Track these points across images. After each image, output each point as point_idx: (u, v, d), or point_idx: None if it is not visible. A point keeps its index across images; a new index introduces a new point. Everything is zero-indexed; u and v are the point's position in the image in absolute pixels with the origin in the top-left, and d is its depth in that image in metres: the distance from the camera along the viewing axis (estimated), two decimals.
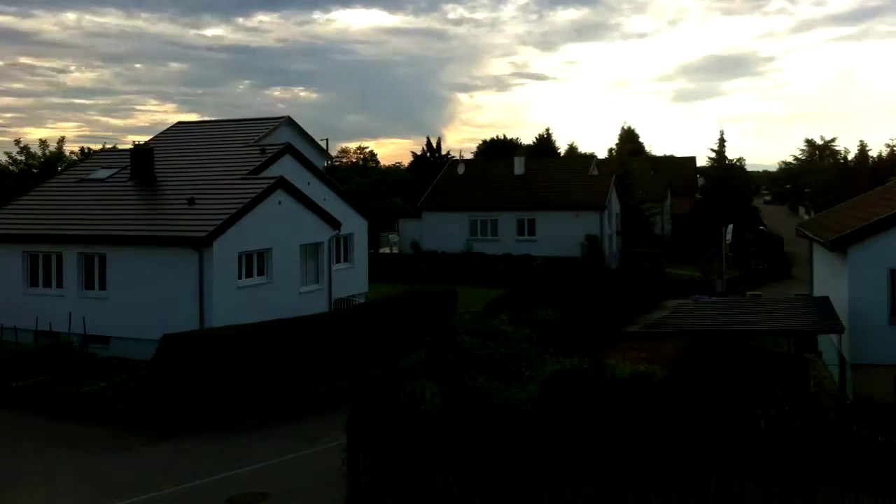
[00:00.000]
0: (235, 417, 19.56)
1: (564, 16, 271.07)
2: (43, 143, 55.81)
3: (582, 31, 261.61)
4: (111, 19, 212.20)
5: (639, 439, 11.59)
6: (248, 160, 29.70)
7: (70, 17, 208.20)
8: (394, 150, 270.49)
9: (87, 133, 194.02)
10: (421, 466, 12.84)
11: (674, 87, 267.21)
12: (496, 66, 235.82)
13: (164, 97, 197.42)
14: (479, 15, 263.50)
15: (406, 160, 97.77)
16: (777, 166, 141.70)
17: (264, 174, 28.38)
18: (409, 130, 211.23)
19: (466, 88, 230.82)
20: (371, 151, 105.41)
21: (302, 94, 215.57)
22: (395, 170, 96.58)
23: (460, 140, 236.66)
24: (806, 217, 72.26)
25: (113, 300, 25.29)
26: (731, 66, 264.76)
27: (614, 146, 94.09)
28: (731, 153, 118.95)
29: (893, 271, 20.65)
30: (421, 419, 12.91)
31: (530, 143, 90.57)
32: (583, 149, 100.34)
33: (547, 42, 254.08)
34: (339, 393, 20.09)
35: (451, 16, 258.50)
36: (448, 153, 78.67)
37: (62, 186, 31.31)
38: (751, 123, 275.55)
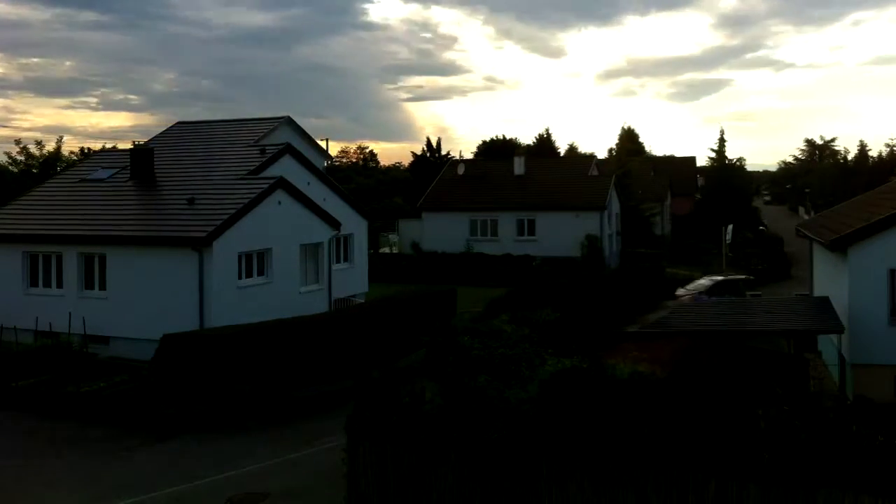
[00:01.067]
0: (235, 417, 19.54)
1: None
2: (39, 143, 55.85)
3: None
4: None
5: (639, 439, 11.58)
6: (248, 160, 29.71)
7: None
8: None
9: None
10: (421, 466, 12.84)
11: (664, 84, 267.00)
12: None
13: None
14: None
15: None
16: (777, 166, 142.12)
17: (264, 174, 28.38)
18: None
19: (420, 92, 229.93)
20: (371, 151, 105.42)
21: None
22: (395, 170, 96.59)
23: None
24: (806, 217, 72.26)
25: (113, 300, 25.29)
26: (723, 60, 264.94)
27: (614, 146, 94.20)
28: (731, 153, 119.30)
29: (893, 271, 20.65)
30: (421, 419, 12.90)
31: (530, 143, 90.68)
32: (583, 149, 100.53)
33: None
34: (339, 393, 20.07)
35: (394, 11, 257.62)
36: (448, 153, 78.78)
37: (62, 186, 31.32)
38: (747, 121, 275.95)
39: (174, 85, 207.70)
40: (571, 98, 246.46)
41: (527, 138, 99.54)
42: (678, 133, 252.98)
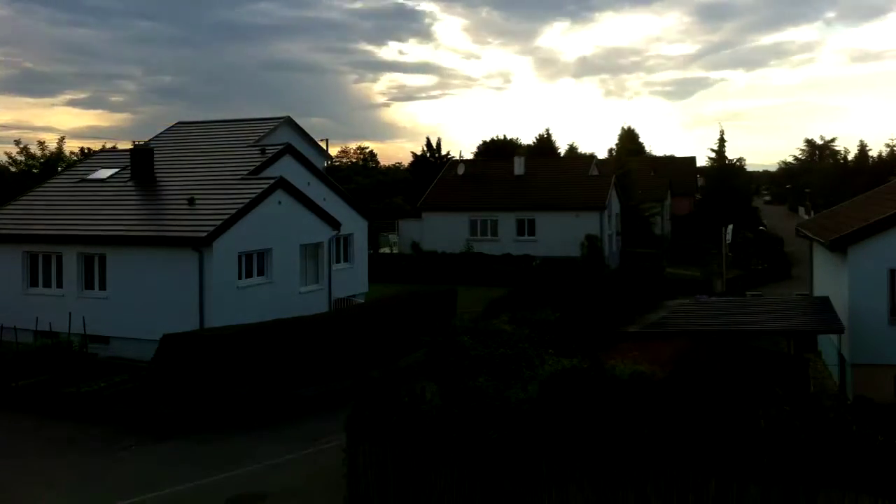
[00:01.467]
0: (235, 417, 19.55)
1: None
2: (42, 143, 55.81)
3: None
4: None
5: (639, 439, 11.58)
6: (249, 160, 29.71)
7: None
8: None
9: None
10: (421, 466, 12.84)
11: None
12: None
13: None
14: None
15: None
16: (777, 166, 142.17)
17: (264, 174, 28.38)
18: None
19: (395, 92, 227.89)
20: (371, 151, 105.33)
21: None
22: (395, 170, 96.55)
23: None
24: (806, 217, 72.25)
25: (113, 300, 25.28)
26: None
27: (614, 146, 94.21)
28: (731, 153, 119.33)
29: (893, 271, 20.66)
30: (421, 419, 12.91)
31: (530, 143, 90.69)
32: (583, 149, 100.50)
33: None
34: (339, 393, 20.08)
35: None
36: (448, 153, 78.74)
37: (62, 186, 31.31)
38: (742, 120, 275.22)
39: (144, 84, 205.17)
40: (553, 97, 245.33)
41: (525, 138, 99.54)
42: (668, 132, 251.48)
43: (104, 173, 30.92)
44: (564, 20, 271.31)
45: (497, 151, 79.48)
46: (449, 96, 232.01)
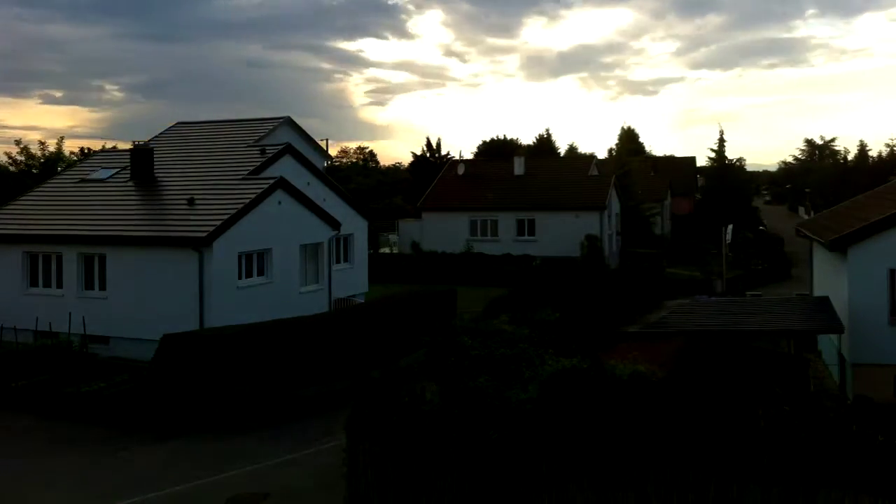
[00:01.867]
0: (235, 417, 19.55)
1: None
2: (42, 143, 55.82)
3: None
4: None
5: (639, 440, 11.58)
6: (248, 160, 29.71)
7: None
8: None
9: None
10: (421, 466, 12.84)
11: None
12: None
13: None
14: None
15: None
16: (777, 166, 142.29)
17: (264, 174, 28.39)
18: None
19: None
20: (371, 151, 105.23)
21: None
22: (395, 170, 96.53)
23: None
24: (806, 217, 72.23)
25: (113, 300, 25.29)
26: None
27: (614, 146, 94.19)
28: (731, 153, 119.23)
29: (893, 271, 20.64)
30: (421, 419, 12.90)
31: (530, 143, 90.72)
32: (583, 149, 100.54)
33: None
34: (339, 393, 20.08)
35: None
36: (448, 153, 78.77)
37: (62, 186, 31.32)
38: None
39: (121, 82, 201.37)
40: (537, 95, 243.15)
41: (524, 138, 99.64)
42: (656, 131, 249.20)
43: (104, 173, 30.94)
44: (541, 17, 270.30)
45: (497, 151, 79.51)
46: (437, 96, 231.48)
